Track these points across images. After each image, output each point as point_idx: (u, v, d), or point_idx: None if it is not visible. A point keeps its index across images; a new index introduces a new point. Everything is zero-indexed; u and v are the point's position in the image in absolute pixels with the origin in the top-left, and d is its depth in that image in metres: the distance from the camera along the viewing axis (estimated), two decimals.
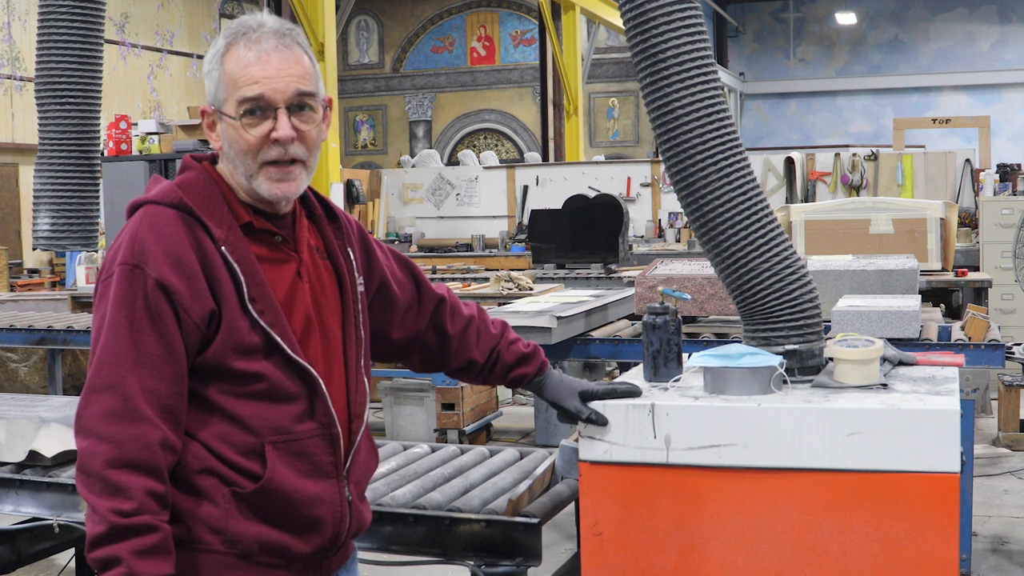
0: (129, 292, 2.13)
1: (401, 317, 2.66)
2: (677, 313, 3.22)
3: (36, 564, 4.41)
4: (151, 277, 2.13)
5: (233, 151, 2.28)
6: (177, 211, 2.20)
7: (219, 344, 2.18)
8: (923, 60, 25.95)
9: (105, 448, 2.07)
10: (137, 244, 2.16)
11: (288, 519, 2.25)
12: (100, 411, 2.09)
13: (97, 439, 2.08)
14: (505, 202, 15.79)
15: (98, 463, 2.07)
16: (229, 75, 2.24)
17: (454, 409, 8.23)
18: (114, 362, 2.11)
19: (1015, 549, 6.01)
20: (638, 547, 2.93)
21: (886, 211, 8.27)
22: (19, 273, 15.17)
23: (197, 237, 2.19)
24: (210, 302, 2.17)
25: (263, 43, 2.24)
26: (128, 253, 2.16)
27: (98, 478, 2.07)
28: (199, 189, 2.26)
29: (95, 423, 2.09)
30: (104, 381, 2.11)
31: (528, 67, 24.53)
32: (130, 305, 2.13)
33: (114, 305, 2.14)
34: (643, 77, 3.19)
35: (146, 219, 2.20)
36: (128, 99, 18.61)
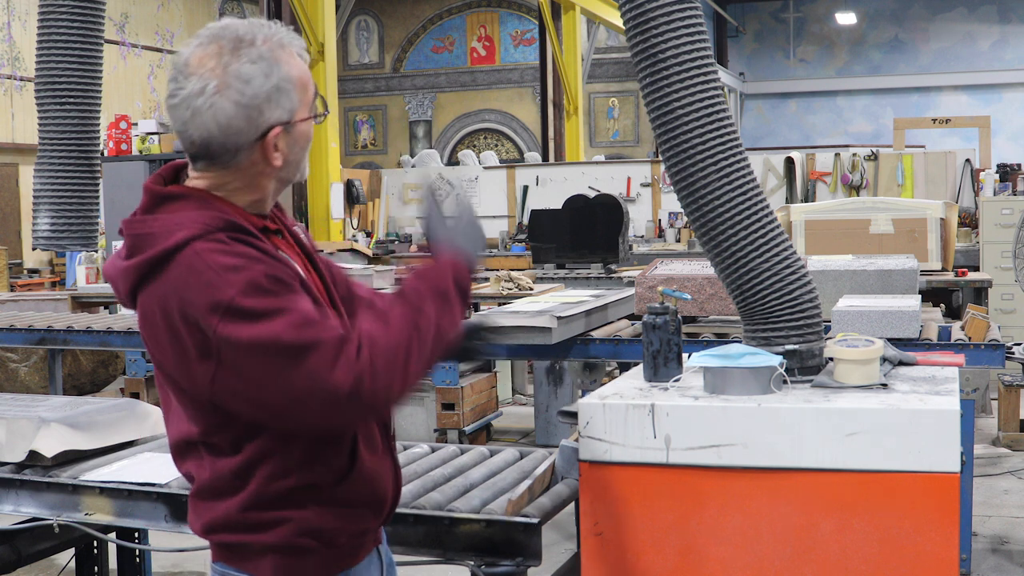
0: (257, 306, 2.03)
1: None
2: (677, 313, 3.23)
3: (36, 564, 4.41)
4: (262, 272, 2.05)
5: (300, 153, 2.24)
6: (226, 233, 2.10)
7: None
8: (923, 60, 25.94)
9: (369, 362, 2.05)
10: (227, 272, 2.04)
11: (369, 500, 2.28)
12: (339, 335, 2.05)
13: (361, 346, 2.06)
14: (505, 202, 15.79)
15: (400, 361, 2.08)
16: (300, 81, 2.19)
17: (454, 409, 8.23)
18: (308, 345, 2.03)
19: (1015, 549, 6.01)
20: (638, 547, 2.93)
21: (886, 211, 8.27)
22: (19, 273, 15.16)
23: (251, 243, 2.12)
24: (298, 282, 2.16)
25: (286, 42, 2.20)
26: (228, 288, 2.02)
27: (427, 350, 2.13)
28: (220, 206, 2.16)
29: (332, 378, 2.02)
30: (314, 335, 2.03)
31: (528, 67, 24.53)
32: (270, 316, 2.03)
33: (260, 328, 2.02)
34: (643, 77, 3.19)
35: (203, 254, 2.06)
36: (128, 99, 18.61)
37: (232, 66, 2.12)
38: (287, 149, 2.20)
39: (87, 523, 3.48)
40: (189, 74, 2.13)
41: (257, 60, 2.13)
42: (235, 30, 2.16)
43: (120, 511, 3.45)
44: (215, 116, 2.12)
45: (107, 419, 3.78)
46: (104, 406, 3.86)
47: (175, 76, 2.16)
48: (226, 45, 2.14)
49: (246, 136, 2.14)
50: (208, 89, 2.11)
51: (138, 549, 4.55)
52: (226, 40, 2.14)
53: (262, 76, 2.14)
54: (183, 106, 2.13)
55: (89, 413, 3.76)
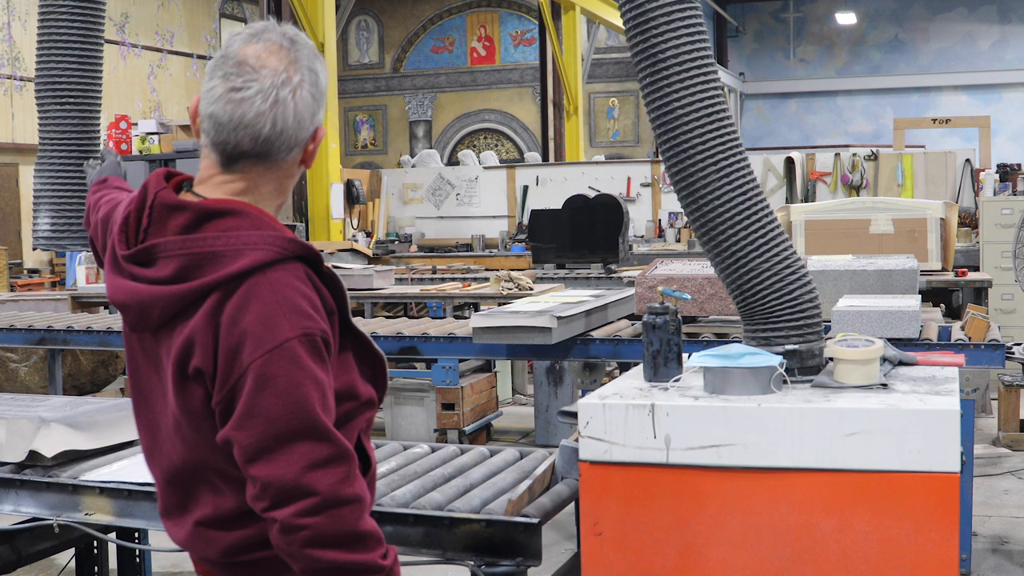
0: (310, 361, 2.02)
1: None
2: (677, 313, 3.23)
3: (36, 564, 4.41)
4: (320, 339, 2.04)
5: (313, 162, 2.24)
6: (294, 263, 2.08)
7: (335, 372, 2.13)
8: (923, 60, 25.94)
9: (352, 508, 2.02)
10: (295, 315, 2.02)
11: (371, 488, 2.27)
12: (336, 480, 2.01)
13: (344, 504, 2.01)
14: (505, 202, 15.79)
15: (352, 523, 2.02)
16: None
17: (454, 409, 8.23)
18: (328, 433, 2.02)
19: (1015, 549, 6.01)
20: (638, 547, 2.94)
21: (886, 211, 8.27)
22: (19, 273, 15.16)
23: (311, 278, 2.10)
24: (332, 338, 2.12)
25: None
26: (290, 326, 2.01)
27: (355, 537, 2.02)
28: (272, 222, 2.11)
29: (336, 491, 2.00)
30: (327, 453, 2.01)
31: (528, 67, 24.53)
32: (314, 374, 2.02)
33: (303, 380, 2.01)
34: (643, 77, 3.20)
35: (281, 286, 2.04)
36: (128, 99, 18.61)
37: (303, 61, 2.11)
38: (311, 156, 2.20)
39: (87, 523, 3.47)
40: (259, 67, 2.07)
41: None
42: (276, 28, 2.14)
43: (120, 511, 3.45)
44: (296, 107, 2.09)
45: (107, 419, 3.78)
46: (104, 406, 3.86)
47: (234, 72, 2.08)
48: (284, 43, 2.11)
49: (306, 132, 2.13)
50: (294, 80, 2.08)
51: (138, 549, 4.55)
52: (278, 35, 2.12)
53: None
54: (260, 97, 2.07)
55: (89, 413, 3.75)
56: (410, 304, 10.81)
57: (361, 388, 2.21)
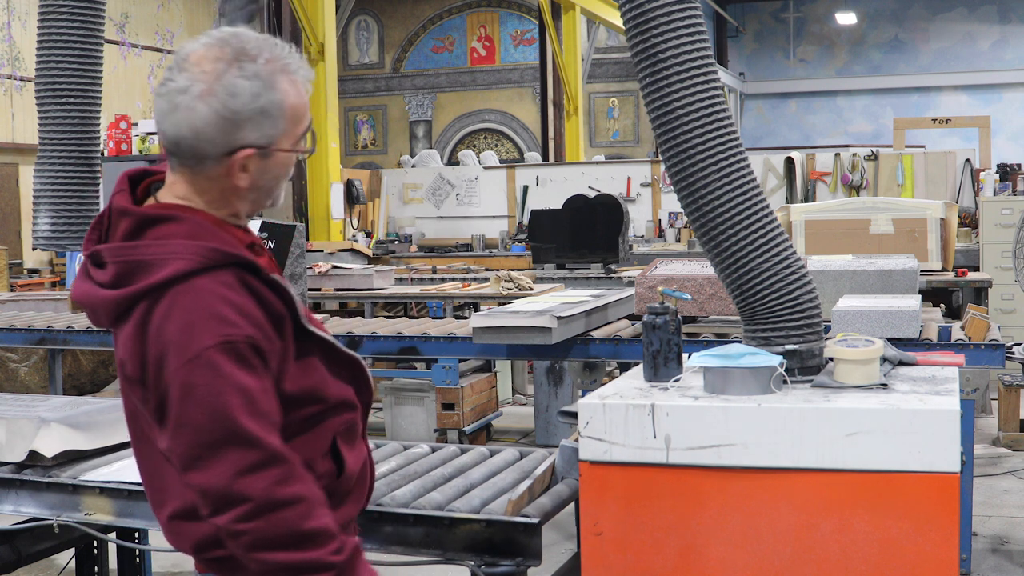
0: (233, 368, 2.02)
1: None
2: (677, 313, 3.23)
3: (36, 564, 4.41)
4: (244, 344, 2.04)
5: (274, 182, 2.19)
6: (222, 270, 2.07)
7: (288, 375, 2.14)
8: (923, 60, 25.94)
9: (293, 510, 2.03)
10: (214, 322, 2.03)
11: (353, 492, 2.30)
12: (269, 483, 2.02)
13: (280, 507, 2.02)
14: (505, 202, 15.79)
15: (293, 524, 2.03)
16: (293, 111, 2.14)
17: (454, 409, 8.23)
18: (255, 440, 2.02)
19: (1015, 549, 6.01)
20: (638, 547, 2.93)
21: (886, 211, 8.27)
22: (19, 273, 15.16)
23: (249, 284, 2.10)
24: (278, 344, 2.12)
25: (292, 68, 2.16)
26: (210, 334, 2.02)
27: (299, 537, 2.03)
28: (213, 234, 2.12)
29: (270, 495, 2.02)
30: (257, 459, 2.02)
31: (528, 67, 24.52)
32: (242, 378, 2.03)
33: (225, 388, 2.01)
34: (643, 77, 3.20)
35: (202, 294, 2.04)
36: (128, 99, 18.60)
37: (225, 75, 2.07)
38: (257, 174, 2.15)
39: (87, 523, 3.47)
40: (183, 69, 2.09)
41: (252, 77, 2.09)
42: (244, 40, 2.12)
43: (120, 511, 3.45)
44: (191, 118, 2.08)
45: (107, 419, 3.78)
46: (104, 406, 3.86)
47: (172, 67, 2.12)
48: (229, 52, 2.09)
49: (216, 147, 2.10)
50: (193, 90, 2.07)
51: (138, 549, 4.55)
52: (231, 48, 2.10)
53: (250, 94, 2.09)
54: (166, 98, 2.09)
55: (89, 413, 3.75)
56: (410, 304, 10.82)
57: (331, 391, 2.22)
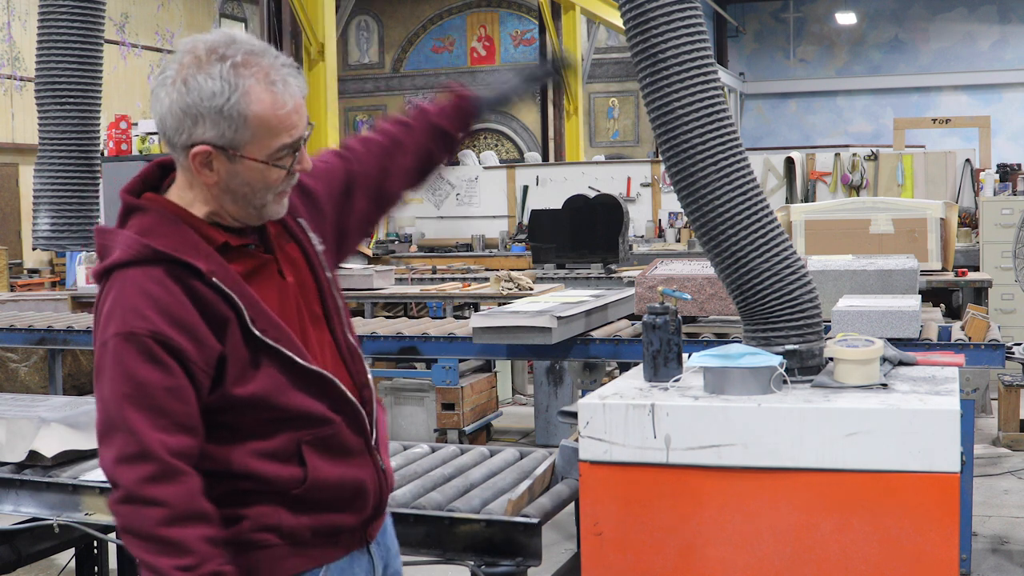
0: (131, 358, 2.10)
1: (361, 193, 2.61)
2: (677, 313, 3.23)
3: (36, 564, 4.41)
4: (147, 339, 2.10)
5: (247, 189, 2.21)
6: (158, 266, 2.13)
7: (231, 378, 2.18)
8: (923, 60, 25.94)
9: (154, 511, 2.07)
10: (126, 313, 2.11)
11: (336, 502, 2.31)
12: (139, 477, 2.08)
13: (142, 503, 2.08)
14: (505, 202, 15.79)
15: (149, 524, 2.07)
16: (261, 120, 2.15)
17: (454, 409, 8.23)
18: (138, 429, 2.09)
19: (1015, 549, 6.01)
20: (638, 547, 2.93)
21: (886, 211, 8.27)
22: (19, 273, 15.16)
23: (186, 283, 2.14)
24: (216, 346, 2.15)
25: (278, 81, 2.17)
26: (120, 323, 2.11)
27: (152, 539, 2.08)
28: (164, 230, 2.18)
29: (137, 488, 2.07)
30: (135, 449, 2.08)
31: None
32: (137, 370, 2.10)
33: (123, 373, 2.10)
34: (643, 77, 3.19)
35: (128, 286, 2.13)
36: (128, 99, 18.60)
37: (193, 72, 2.13)
38: (227, 176, 2.18)
39: (87, 523, 3.48)
40: (172, 61, 2.18)
41: (217, 78, 2.12)
42: (230, 43, 2.16)
43: None
44: (159, 107, 2.17)
45: None
46: None
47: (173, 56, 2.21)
48: (205, 52, 2.14)
49: (178, 137, 2.17)
50: (167, 80, 2.16)
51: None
52: (211, 47, 2.15)
53: (209, 94, 2.12)
54: (154, 84, 2.21)
55: (89, 413, 3.75)
56: (410, 304, 10.82)
57: (289, 401, 2.23)
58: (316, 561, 2.31)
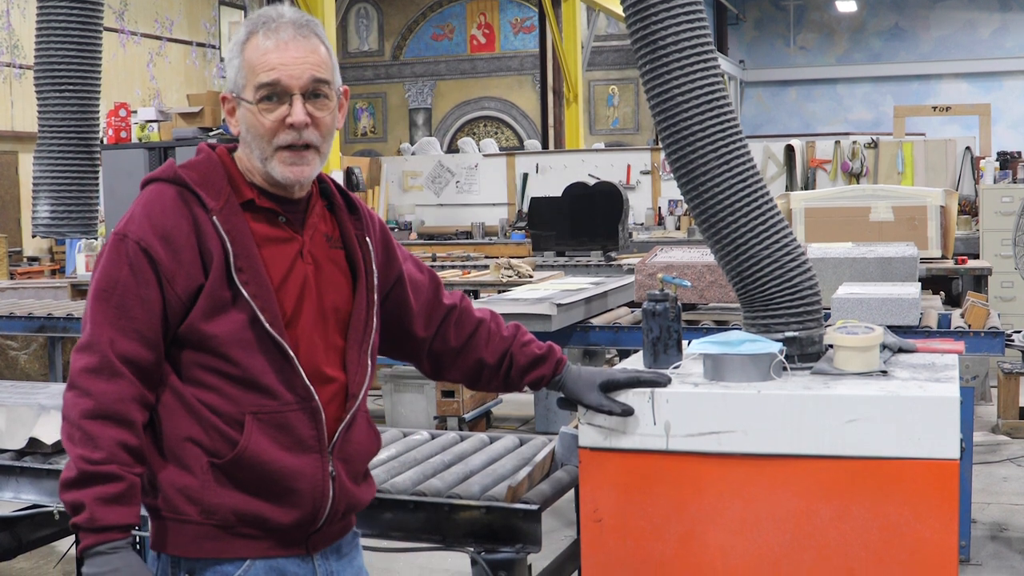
0: (115, 258, 2.25)
1: (412, 320, 2.67)
2: (677, 300, 3.22)
3: (36, 551, 4.42)
4: (133, 244, 2.24)
5: (251, 135, 2.36)
6: (175, 186, 2.31)
7: (201, 311, 2.25)
8: (923, 48, 25.90)
9: (84, 400, 2.19)
10: (129, 219, 2.29)
11: (264, 489, 2.29)
12: (82, 366, 2.21)
13: (78, 392, 2.20)
14: (505, 190, 15.78)
15: (76, 413, 2.19)
16: (248, 62, 2.34)
17: (454, 396, 8.23)
18: (97, 322, 2.23)
19: (1014, 536, 6.02)
20: (638, 534, 2.94)
21: (886, 199, 8.27)
22: (19, 261, 15.16)
23: (192, 211, 2.29)
24: (199, 276, 2.26)
25: (281, 32, 2.33)
26: (121, 224, 2.29)
27: (76, 427, 2.18)
28: (201, 168, 2.36)
29: (77, 377, 2.21)
30: (87, 339, 2.23)
31: (528, 55, 24.49)
32: (115, 269, 2.25)
33: (102, 269, 2.26)
34: (643, 64, 3.19)
35: (145, 195, 2.33)
36: (127, 87, 18.57)
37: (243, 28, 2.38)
38: (240, 122, 2.39)
39: None
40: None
41: (242, 32, 2.37)
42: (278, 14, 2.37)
43: None
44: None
45: None
46: None
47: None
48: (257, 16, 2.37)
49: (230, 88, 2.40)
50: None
51: (138, 536, 4.55)
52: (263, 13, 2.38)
53: (232, 43, 2.38)
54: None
55: None
56: None
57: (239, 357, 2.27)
58: (239, 552, 2.30)
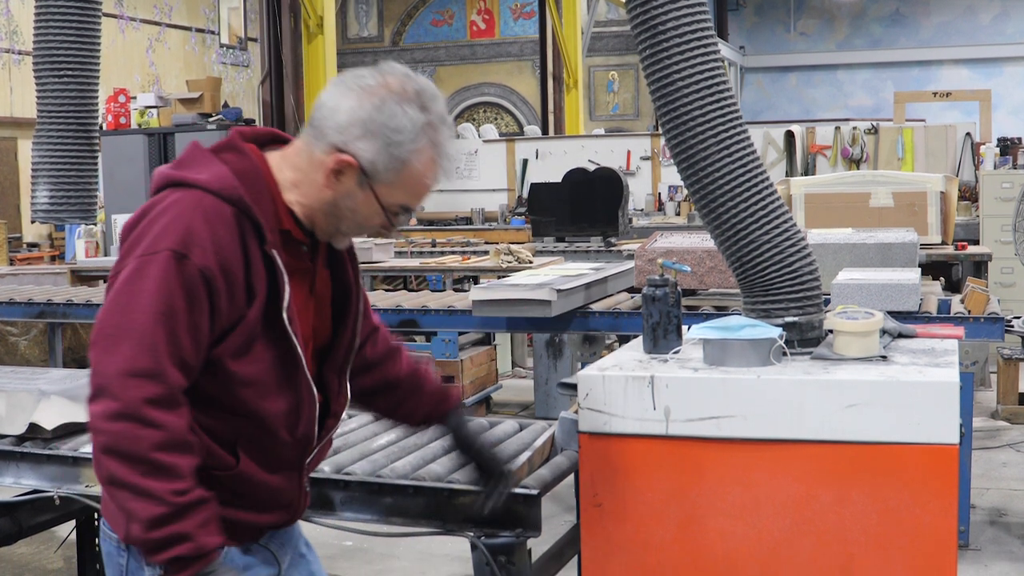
0: (174, 279, 2.11)
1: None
2: (676, 285, 3.22)
3: (37, 536, 4.42)
4: (196, 270, 2.12)
5: (349, 214, 2.27)
6: (233, 208, 2.17)
7: (230, 346, 2.21)
8: (924, 34, 25.84)
9: (151, 432, 2.08)
10: (188, 235, 2.13)
11: (248, 500, 2.34)
12: (145, 396, 2.08)
13: (142, 423, 2.08)
14: (505, 175, 15.76)
15: (145, 446, 2.08)
16: (412, 177, 2.23)
17: (454, 381, 8.23)
18: (155, 349, 2.10)
19: (1013, 521, 6.03)
20: (637, 518, 2.94)
21: (886, 184, 8.26)
22: (19, 247, 15.16)
23: (245, 240, 2.18)
24: (243, 308, 2.19)
25: (444, 159, 2.25)
26: (178, 241, 2.12)
27: (145, 462, 2.08)
28: (255, 185, 2.22)
29: (139, 408, 2.08)
30: (146, 367, 2.09)
31: (528, 40, 24.44)
32: (173, 294, 2.11)
33: (158, 289, 2.11)
34: (643, 50, 3.18)
35: (200, 210, 2.15)
36: (126, 73, 18.54)
37: (393, 97, 2.19)
38: (344, 192, 2.24)
39: (87, 495, 3.48)
40: (377, 73, 2.22)
41: (408, 120, 2.19)
42: (432, 98, 2.22)
43: None
44: (341, 98, 2.20)
45: None
46: None
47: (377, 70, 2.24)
48: (414, 93, 2.21)
49: (334, 135, 2.20)
50: (366, 84, 2.20)
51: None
52: (420, 94, 2.21)
53: (394, 127, 2.18)
54: (350, 76, 2.23)
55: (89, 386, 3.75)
56: (410, 277, 10.81)
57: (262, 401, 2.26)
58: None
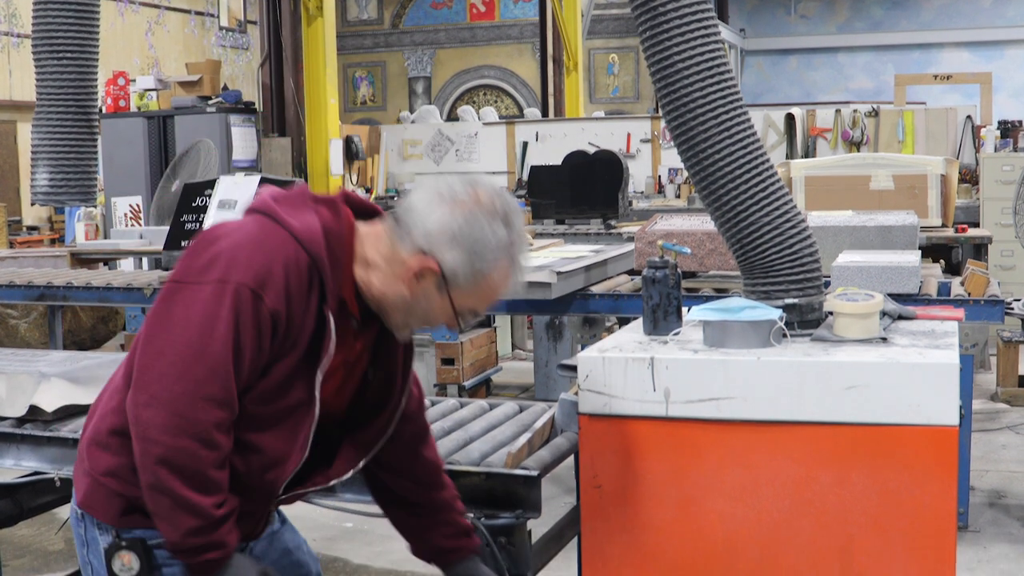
0: (249, 317, 2.20)
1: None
2: (676, 267, 3.22)
3: (38, 518, 4.42)
4: (270, 312, 2.21)
5: (421, 311, 2.35)
6: (310, 260, 2.25)
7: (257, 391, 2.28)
8: (925, 16, 25.78)
9: (212, 454, 2.20)
10: (267, 275, 2.21)
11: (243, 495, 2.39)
12: (216, 420, 2.20)
13: (206, 445, 2.19)
14: (505, 158, 15.74)
15: (206, 464, 2.20)
16: (487, 288, 2.30)
17: (454, 364, 8.23)
18: (227, 380, 2.20)
19: (1012, 503, 6.04)
20: (637, 500, 2.95)
21: (887, 167, 8.25)
22: (18, 230, 15.14)
23: (310, 293, 2.26)
24: (285, 353, 2.27)
25: (517, 272, 2.33)
26: (256, 278, 2.20)
27: (199, 477, 2.19)
28: (338, 247, 2.30)
29: (209, 430, 2.19)
30: (218, 394, 2.19)
31: (528, 23, 24.38)
32: (245, 329, 2.20)
33: (233, 322, 2.19)
34: (643, 31, 3.18)
35: (282, 254, 2.23)
36: (126, 56, 18.49)
37: (482, 213, 2.25)
38: (420, 293, 2.31)
39: None
40: (468, 185, 2.28)
41: (493, 237, 2.26)
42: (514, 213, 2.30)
43: None
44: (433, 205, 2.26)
45: (107, 373, 3.75)
46: (103, 360, 3.86)
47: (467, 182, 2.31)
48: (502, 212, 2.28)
49: (423, 239, 2.26)
50: (456, 193, 2.26)
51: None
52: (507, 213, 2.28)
53: (481, 242, 2.25)
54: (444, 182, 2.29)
55: (89, 368, 3.76)
56: None
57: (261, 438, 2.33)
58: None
